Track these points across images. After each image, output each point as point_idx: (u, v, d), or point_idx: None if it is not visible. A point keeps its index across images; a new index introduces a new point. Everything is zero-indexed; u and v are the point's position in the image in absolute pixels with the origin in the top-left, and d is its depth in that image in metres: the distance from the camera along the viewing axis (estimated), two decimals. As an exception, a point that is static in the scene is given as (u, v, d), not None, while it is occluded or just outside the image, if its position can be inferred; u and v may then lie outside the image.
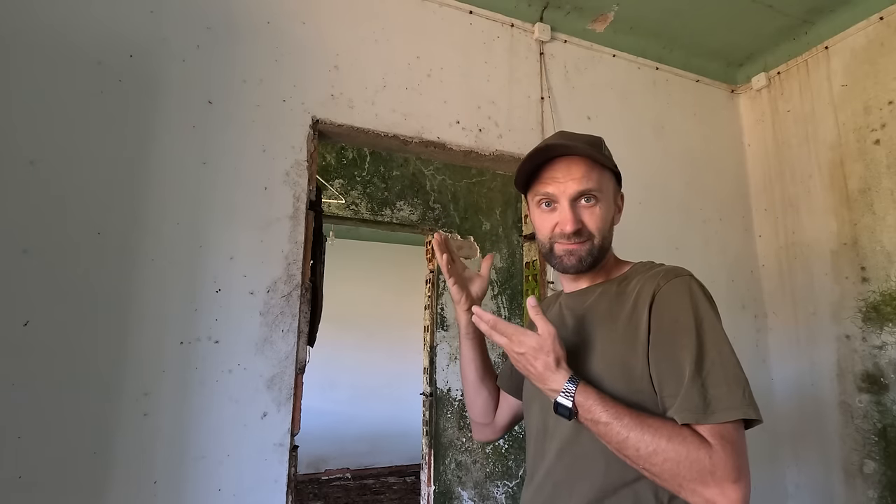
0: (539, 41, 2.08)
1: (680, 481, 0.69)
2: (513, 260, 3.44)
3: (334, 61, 1.69)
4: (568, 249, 0.89)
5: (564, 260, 0.90)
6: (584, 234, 0.88)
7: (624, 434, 0.72)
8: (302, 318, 1.50)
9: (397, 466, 5.81)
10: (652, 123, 2.27)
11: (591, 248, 0.89)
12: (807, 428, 2.12)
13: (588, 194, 0.88)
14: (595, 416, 0.74)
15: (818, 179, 2.16)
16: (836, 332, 2.05)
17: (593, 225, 0.88)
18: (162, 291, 1.35)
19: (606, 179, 0.91)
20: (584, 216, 0.88)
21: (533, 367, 0.78)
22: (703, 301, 0.80)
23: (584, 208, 0.89)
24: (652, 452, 0.70)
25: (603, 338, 0.85)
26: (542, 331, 0.78)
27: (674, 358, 0.76)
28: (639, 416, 0.73)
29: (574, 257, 0.89)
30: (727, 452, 0.69)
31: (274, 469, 1.39)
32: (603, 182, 0.90)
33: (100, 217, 1.33)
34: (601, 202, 0.89)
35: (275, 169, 1.54)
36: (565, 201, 0.88)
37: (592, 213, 0.88)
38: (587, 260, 0.89)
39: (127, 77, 1.42)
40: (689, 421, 0.71)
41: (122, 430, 1.26)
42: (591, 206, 0.88)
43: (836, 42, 2.12)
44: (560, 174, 0.89)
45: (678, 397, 0.73)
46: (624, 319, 0.83)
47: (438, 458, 3.07)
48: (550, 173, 0.90)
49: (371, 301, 5.96)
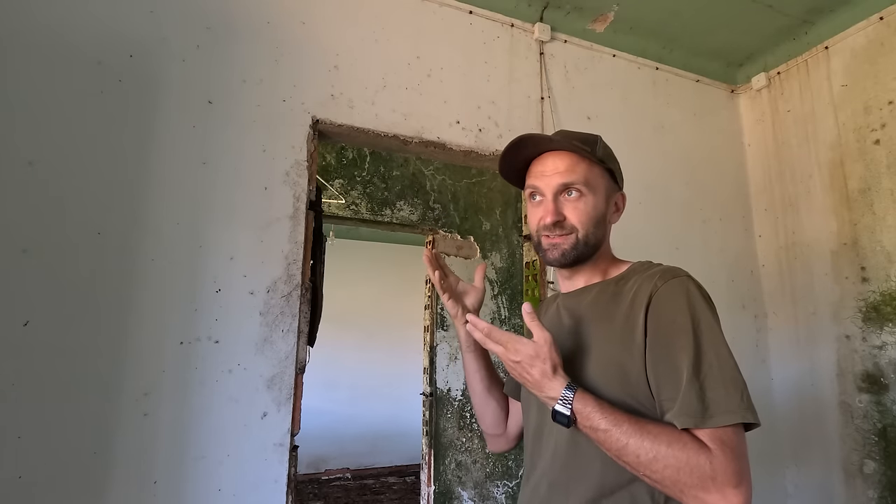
0: (539, 41, 2.08)
1: (681, 487, 0.69)
2: (513, 260, 3.44)
3: (334, 61, 1.69)
4: (552, 243, 0.90)
5: (549, 253, 0.91)
6: (565, 227, 0.88)
7: (623, 441, 0.71)
8: (302, 318, 1.50)
9: (397, 466, 5.81)
10: (652, 123, 2.27)
11: (574, 243, 0.89)
12: (807, 428, 2.12)
13: (571, 188, 0.88)
14: (594, 423, 0.73)
15: (818, 179, 2.16)
16: (836, 332, 2.05)
17: (575, 218, 0.88)
18: (162, 291, 1.35)
19: (596, 175, 0.91)
20: (566, 209, 0.89)
21: (529, 374, 0.77)
22: (700, 302, 0.79)
23: (567, 201, 0.89)
24: (652, 459, 0.70)
25: (598, 338, 0.85)
26: (537, 337, 0.78)
27: (671, 360, 0.75)
28: (638, 421, 0.72)
29: (557, 251, 0.89)
30: (727, 457, 0.69)
31: (274, 469, 1.39)
32: (591, 177, 0.89)
33: (100, 217, 1.33)
34: (587, 196, 0.89)
35: (275, 169, 1.54)
36: (549, 193, 0.89)
37: (576, 206, 0.88)
38: (570, 254, 0.89)
39: (127, 77, 1.42)
40: (688, 425, 0.71)
41: (122, 429, 1.26)
42: (575, 200, 0.89)
43: (836, 42, 2.12)
44: (545, 168, 0.90)
45: (676, 401, 0.73)
46: (620, 320, 0.83)
47: (438, 458, 3.07)
48: (538, 167, 0.92)
49: (371, 301, 5.96)
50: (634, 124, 2.22)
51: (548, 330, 0.79)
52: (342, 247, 5.46)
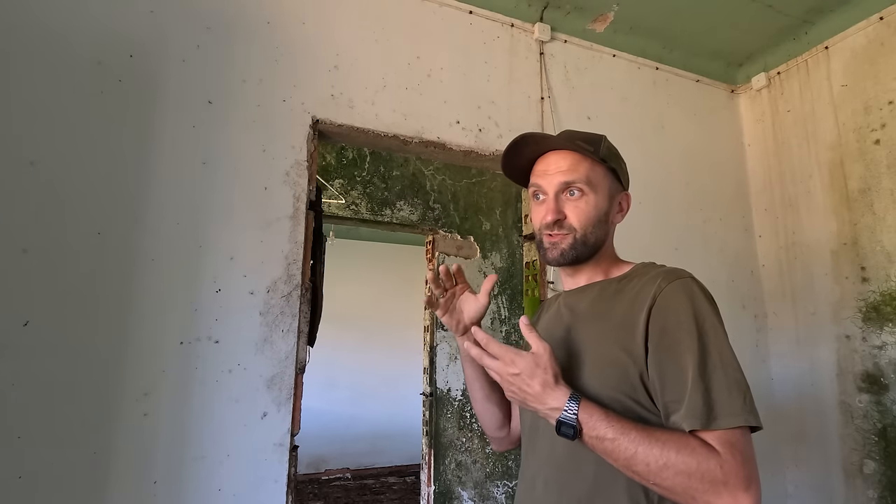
0: (539, 41, 2.08)
1: (693, 493, 0.68)
2: (513, 260, 3.44)
3: (334, 61, 1.69)
4: (552, 241, 0.90)
5: (548, 252, 0.91)
6: (565, 226, 0.89)
7: (632, 450, 0.70)
8: (302, 317, 1.50)
9: (397, 466, 5.81)
10: (652, 123, 2.27)
11: (573, 242, 0.89)
12: (807, 428, 2.12)
13: (572, 187, 0.88)
14: (600, 433, 0.72)
15: (818, 179, 2.16)
16: (836, 332, 2.05)
17: (575, 218, 0.89)
18: (162, 291, 1.36)
19: (599, 175, 0.91)
20: (566, 208, 0.89)
21: (529, 387, 0.76)
22: (704, 304, 0.79)
23: (567, 201, 0.89)
24: (662, 466, 0.69)
25: (597, 335, 0.85)
26: (536, 348, 0.77)
27: (675, 362, 0.75)
28: (645, 429, 0.71)
29: (556, 250, 0.90)
30: (737, 461, 0.68)
31: (274, 469, 1.39)
32: (593, 177, 0.90)
33: (100, 217, 1.33)
34: (588, 196, 0.89)
35: (275, 169, 1.54)
36: (550, 192, 0.90)
37: (576, 206, 0.89)
38: (569, 253, 0.89)
39: (127, 77, 1.42)
40: (695, 427, 0.71)
41: (122, 429, 1.26)
42: (576, 199, 0.89)
43: (836, 42, 2.12)
44: (548, 166, 0.91)
45: (682, 402, 0.72)
46: (620, 319, 0.83)
47: (438, 458, 3.07)
48: (541, 166, 0.92)
49: (371, 301, 5.96)
50: (634, 124, 2.22)
51: (546, 339, 0.78)
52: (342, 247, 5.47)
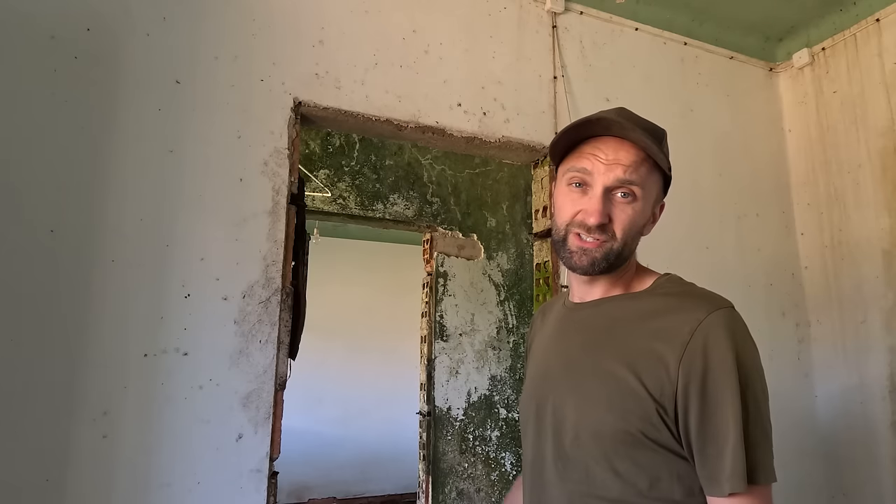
0: (551, 13, 2.08)
1: None
2: (521, 261, 3.44)
3: (319, 35, 1.69)
4: (583, 247, 0.86)
5: (575, 258, 0.87)
6: (607, 231, 0.85)
7: None
8: (282, 327, 1.50)
9: (390, 495, 5.81)
10: (679, 106, 2.27)
11: (608, 251, 0.86)
12: (855, 452, 2.12)
13: (628, 188, 0.85)
14: None
15: (868, 170, 2.16)
16: (888, 342, 2.05)
17: (620, 225, 0.85)
18: (123, 297, 1.35)
19: (653, 181, 0.88)
20: (614, 211, 0.85)
21: None
22: (747, 343, 0.81)
23: (618, 202, 0.85)
24: None
25: (611, 360, 0.84)
26: None
27: (717, 414, 0.77)
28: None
29: (587, 257, 0.86)
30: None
31: (250, 498, 1.39)
32: (648, 181, 0.87)
33: (53, 213, 1.33)
34: (637, 202, 0.86)
35: (251, 158, 1.54)
36: (599, 187, 0.85)
37: (624, 210, 0.85)
38: (601, 263, 0.86)
39: (83, 54, 1.42)
40: (737, 490, 0.74)
41: (78, 453, 1.26)
42: (626, 203, 0.85)
43: (889, 14, 2.12)
44: (605, 154, 0.85)
45: (724, 459, 0.76)
46: (644, 348, 0.81)
47: (437, 486, 3.07)
48: (594, 150, 0.86)
49: (361, 307, 5.96)
50: (659, 107, 2.22)
51: (548, 357, 0.81)
52: (328, 246, 5.47)
